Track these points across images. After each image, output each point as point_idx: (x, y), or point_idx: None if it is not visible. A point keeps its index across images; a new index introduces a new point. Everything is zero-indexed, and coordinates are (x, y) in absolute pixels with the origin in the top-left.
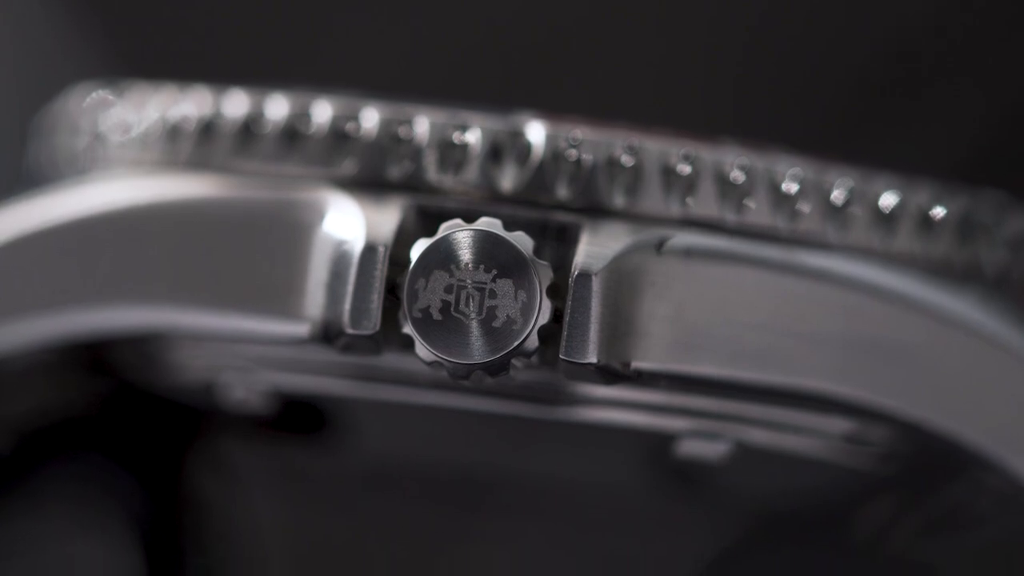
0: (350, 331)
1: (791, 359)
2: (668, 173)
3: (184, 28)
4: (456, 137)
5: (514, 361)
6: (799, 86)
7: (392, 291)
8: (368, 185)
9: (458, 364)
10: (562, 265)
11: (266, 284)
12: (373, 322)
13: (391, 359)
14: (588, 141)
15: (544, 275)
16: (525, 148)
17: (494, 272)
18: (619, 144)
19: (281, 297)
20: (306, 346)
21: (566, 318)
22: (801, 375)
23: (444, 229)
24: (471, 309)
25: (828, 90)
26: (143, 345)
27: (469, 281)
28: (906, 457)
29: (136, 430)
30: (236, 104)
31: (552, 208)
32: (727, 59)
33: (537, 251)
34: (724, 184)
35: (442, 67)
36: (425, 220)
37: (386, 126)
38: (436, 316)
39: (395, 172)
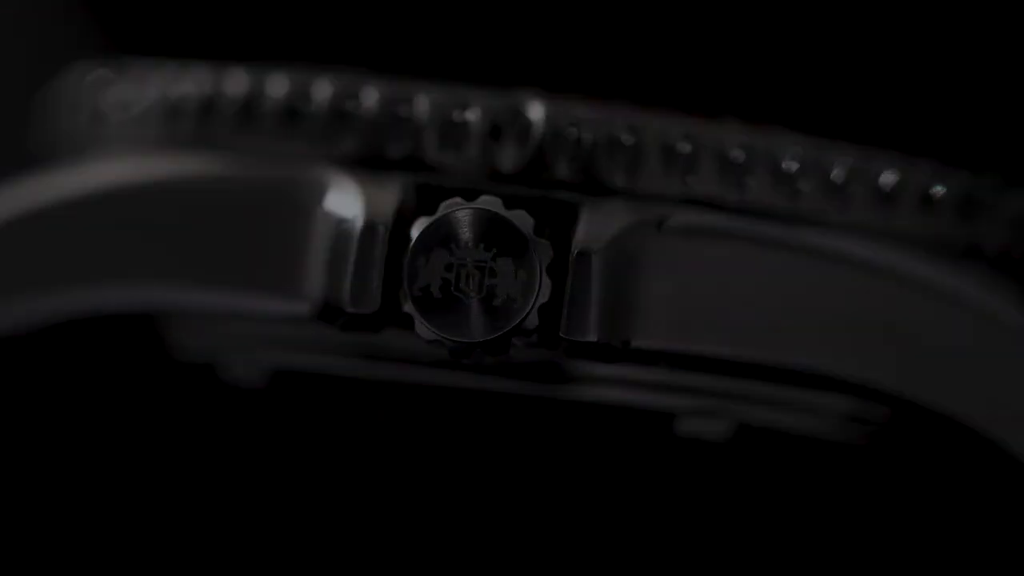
0: (350, 310)
1: (792, 337)
2: (668, 152)
3: (184, 6)
4: (456, 115)
5: (514, 340)
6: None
7: (392, 270)
8: (368, 164)
9: (458, 343)
10: (562, 244)
11: (266, 262)
12: (373, 301)
13: (391, 338)
14: (588, 120)
15: (544, 254)
16: (525, 127)
17: (494, 251)
18: (619, 123)
19: (281, 275)
20: (306, 325)
21: (566, 297)
22: (802, 353)
23: (444, 208)
24: (471, 288)
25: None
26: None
27: (469, 260)
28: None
29: (134, 409)
30: (236, 82)
31: (552, 187)
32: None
33: (537, 230)
34: (724, 163)
35: (442, 46)
36: (425, 199)
37: (386, 104)
38: (436, 295)
39: (395, 150)
